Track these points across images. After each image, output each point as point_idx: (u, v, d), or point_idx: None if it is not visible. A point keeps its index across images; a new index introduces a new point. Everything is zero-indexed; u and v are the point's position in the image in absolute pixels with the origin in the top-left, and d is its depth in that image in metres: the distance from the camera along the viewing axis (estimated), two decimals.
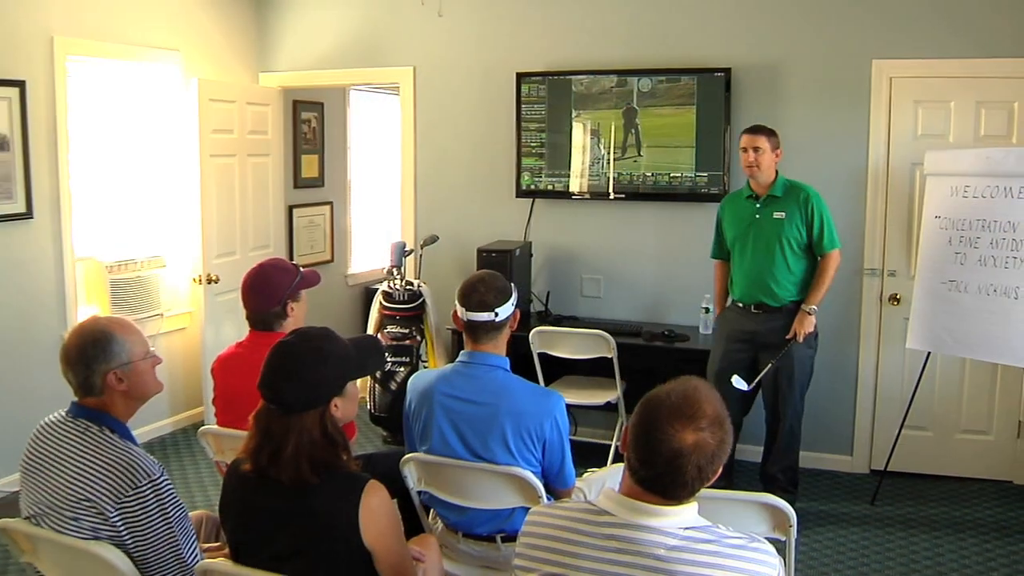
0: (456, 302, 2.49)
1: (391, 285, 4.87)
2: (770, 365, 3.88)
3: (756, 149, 3.86)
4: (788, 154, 4.47)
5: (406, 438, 2.61)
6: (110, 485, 1.93)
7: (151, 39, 4.92)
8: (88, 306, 4.61)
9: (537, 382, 4.25)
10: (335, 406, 1.91)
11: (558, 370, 4.58)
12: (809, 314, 3.85)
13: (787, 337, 3.86)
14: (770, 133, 3.91)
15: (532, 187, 4.99)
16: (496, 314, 2.42)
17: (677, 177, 4.68)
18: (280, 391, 1.87)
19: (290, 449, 1.83)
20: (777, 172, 3.96)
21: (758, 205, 3.94)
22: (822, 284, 3.87)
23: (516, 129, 4.97)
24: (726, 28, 4.60)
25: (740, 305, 3.99)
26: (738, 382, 3.80)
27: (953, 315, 3.89)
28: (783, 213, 3.88)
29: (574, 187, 4.91)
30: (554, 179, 4.95)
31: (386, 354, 4.75)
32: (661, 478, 1.53)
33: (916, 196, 4.33)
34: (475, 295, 2.43)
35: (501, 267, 4.44)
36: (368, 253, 7.11)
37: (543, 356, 4.35)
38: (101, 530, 1.93)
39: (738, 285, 4.00)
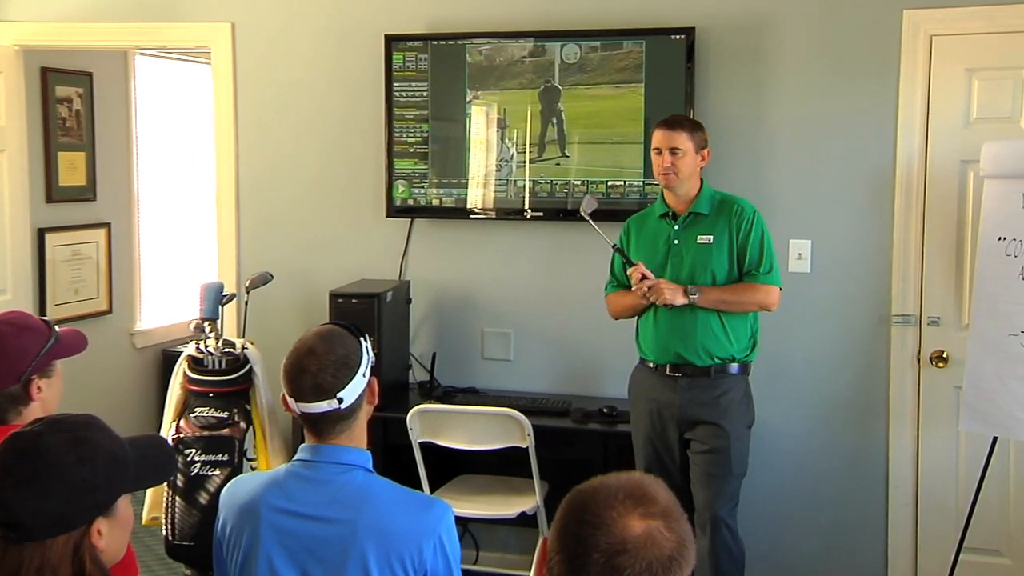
0: (282, 386, 2.46)
1: (202, 347, 4.78)
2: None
3: (673, 151, 3.97)
4: (778, 152, 4.61)
5: None
6: None
7: None
8: None
9: (418, 486, 4.23)
10: (98, 532, 1.84)
11: (450, 467, 4.58)
12: (687, 294, 3.91)
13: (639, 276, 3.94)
14: (693, 127, 4.04)
15: (410, 202, 4.99)
16: (340, 400, 2.40)
17: (618, 186, 4.73)
18: (9, 505, 1.79)
19: None
20: (703, 181, 4.08)
21: (676, 227, 4.05)
22: (735, 292, 3.96)
23: (386, 117, 4.97)
24: None
25: (652, 366, 4.09)
26: None
27: None
28: (710, 237, 4.00)
29: (472, 201, 4.92)
30: (443, 190, 4.95)
31: (193, 451, 4.63)
32: None
33: (969, 209, 4.43)
34: (305, 378, 2.40)
35: (365, 318, 4.41)
36: (166, 300, 6.99)
37: (427, 447, 4.33)
38: None
39: (648, 338, 4.10)
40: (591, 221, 4.09)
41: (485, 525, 4.76)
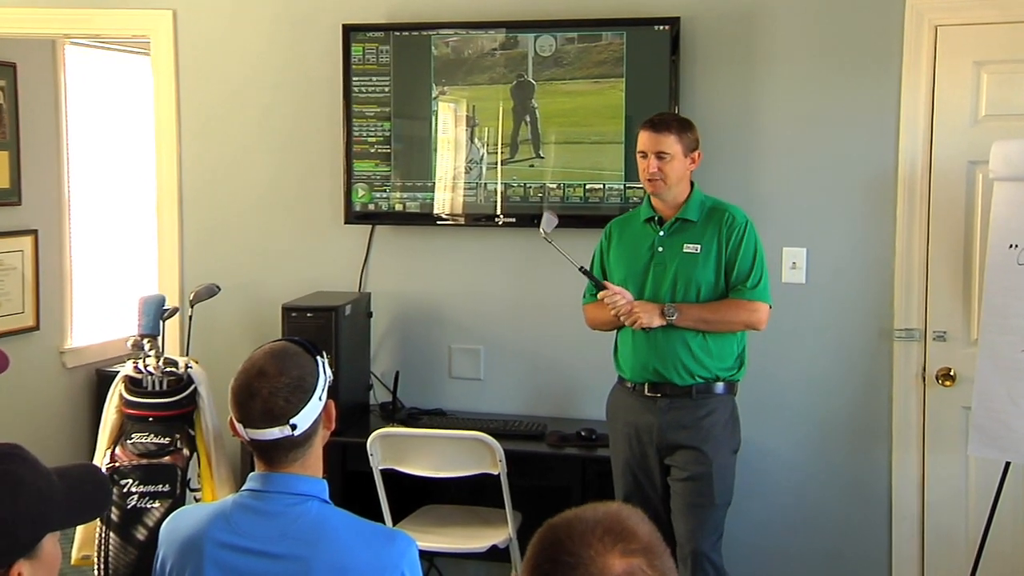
0: (230, 409, 2.44)
1: (140, 367, 4.74)
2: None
3: (660, 155, 3.96)
4: (770, 152, 4.63)
5: None
6: None
7: None
8: None
9: (379, 518, 4.21)
10: (19, 575, 1.80)
11: (414, 496, 4.58)
12: (665, 314, 3.92)
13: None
14: (683, 128, 4.03)
15: (371, 207, 4.99)
16: (293, 426, 2.38)
17: (597, 189, 4.74)
18: None
19: None
20: (693, 185, 4.08)
21: (661, 233, 4.06)
22: (718, 311, 3.96)
23: (344, 115, 4.97)
24: None
25: (630, 386, 4.10)
26: None
27: None
28: (697, 246, 4.00)
29: (439, 206, 4.92)
30: (407, 194, 4.94)
31: (130, 482, 4.60)
32: None
33: (977, 214, 4.44)
34: (255, 402, 2.38)
35: (321, 334, 4.40)
36: (100, 315, 6.95)
37: (390, 475, 4.32)
38: None
39: (626, 354, 4.10)
40: (552, 242, 4.04)
41: (453, 560, 4.76)
